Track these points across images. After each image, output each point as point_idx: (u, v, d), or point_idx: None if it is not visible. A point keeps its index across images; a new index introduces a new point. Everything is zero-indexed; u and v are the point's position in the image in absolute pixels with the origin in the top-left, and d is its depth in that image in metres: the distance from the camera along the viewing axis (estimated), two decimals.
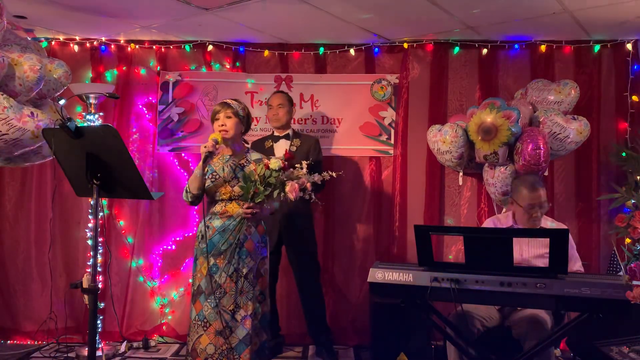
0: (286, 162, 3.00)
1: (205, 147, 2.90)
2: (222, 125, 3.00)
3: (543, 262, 2.98)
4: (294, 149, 3.89)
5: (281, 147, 3.90)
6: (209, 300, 2.88)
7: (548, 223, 3.23)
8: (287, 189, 2.91)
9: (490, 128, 3.66)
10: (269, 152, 3.85)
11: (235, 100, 3.14)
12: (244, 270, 2.92)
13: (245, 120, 3.10)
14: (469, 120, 3.84)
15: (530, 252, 3.09)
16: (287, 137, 3.95)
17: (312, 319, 4.01)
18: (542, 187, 3.19)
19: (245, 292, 2.91)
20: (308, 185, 3.00)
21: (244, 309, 2.89)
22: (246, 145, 3.14)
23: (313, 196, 3.04)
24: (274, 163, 2.92)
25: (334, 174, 3.12)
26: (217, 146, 2.96)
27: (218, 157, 3.06)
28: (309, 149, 3.90)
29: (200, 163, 2.93)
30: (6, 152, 3.17)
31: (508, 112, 3.65)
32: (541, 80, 3.99)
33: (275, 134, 3.99)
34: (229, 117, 3.01)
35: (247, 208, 2.93)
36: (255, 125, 4.26)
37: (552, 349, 2.82)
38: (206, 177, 2.99)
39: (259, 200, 2.92)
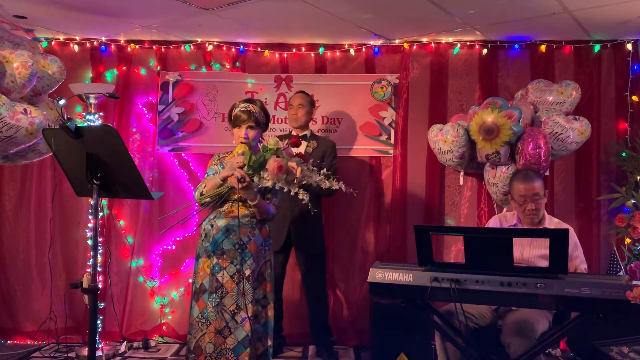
0: (288, 145, 2.83)
1: (235, 176, 2.71)
2: (245, 137, 2.92)
3: (546, 262, 2.97)
4: (310, 150, 3.89)
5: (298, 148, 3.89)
6: (210, 299, 2.87)
7: (554, 221, 3.20)
8: (268, 162, 2.68)
9: (492, 127, 3.66)
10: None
11: (253, 102, 2.99)
12: (246, 272, 2.88)
13: (264, 127, 3.04)
14: (470, 120, 3.84)
15: (532, 252, 3.07)
16: (304, 137, 3.94)
17: (315, 319, 4.02)
18: (537, 179, 3.11)
19: (246, 294, 2.86)
20: (298, 170, 2.65)
21: (245, 311, 2.85)
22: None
23: (306, 198, 2.67)
24: (272, 142, 2.75)
25: (342, 187, 2.81)
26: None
27: (230, 156, 3.01)
28: (325, 152, 3.91)
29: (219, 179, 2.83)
30: (1, 150, 3.16)
31: (510, 111, 3.65)
32: (542, 81, 3.99)
33: (293, 133, 3.98)
34: (252, 128, 2.92)
35: (240, 176, 2.70)
36: None
37: (540, 357, 2.80)
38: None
39: (250, 173, 2.72)
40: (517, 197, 3.13)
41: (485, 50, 4.30)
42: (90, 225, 4.17)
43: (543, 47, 4.26)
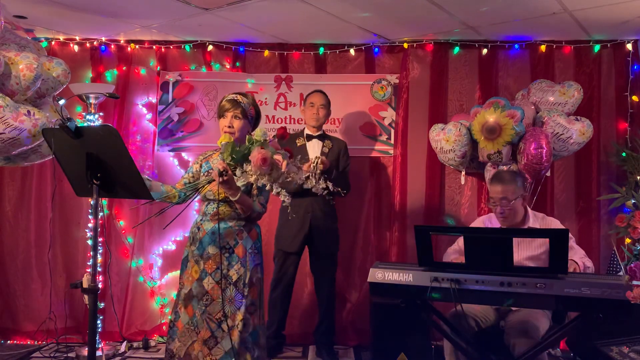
0: (275, 138, 2.73)
1: (217, 170, 2.56)
2: (230, 127, 2.77)
3: (535, 264, 2.97)
4: (326, 150, 3.89)
5: (314, 147, 3.90)
6: (198, 307, 2.72)
7: (539, 217, 3.16)
8: (252, 154, 2.49)
9: (494, 127, 3.66)
10: (301, 151, 3.82)
11: (244, 95, 2.86)
12: (234, 278, 2.71)
13: (253, 121, 2.87)
14: (472, 119, 3.84)
15: (520, 254, 3.02)
16: (320, 137, 3.94)
17: (324, 319, 4.02)
18: (509, 182, 3.02)
19: (234, 301, 2.68)
20: (283, 164, 2.48)
21: (232, 319, 2.68)
22: None
23: (287, 200, 2.54)
24: (258, 133, 2.56)
25: (329, 186, 2.64)
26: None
27: (217, 154, 2.87)
28: (340, 153, 3.93)
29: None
30: (4, 152, 3.16)
31: (512, 111, 3.65)
32: (544, 81, 3.99)
33: (308, 132, 3.96)
34: (238, 118, 2.77)
35: (222, 168, 2.53)
36: None
37: (544, 355, 2.80)
38: (202, 173, 2.86)
39: (231, 164, 2.57)
40: (489, 198, 3.12)
41: (485, 50, 4.30)
42: (90, 225, 4.17)
43: (543, 47, 4.26)
